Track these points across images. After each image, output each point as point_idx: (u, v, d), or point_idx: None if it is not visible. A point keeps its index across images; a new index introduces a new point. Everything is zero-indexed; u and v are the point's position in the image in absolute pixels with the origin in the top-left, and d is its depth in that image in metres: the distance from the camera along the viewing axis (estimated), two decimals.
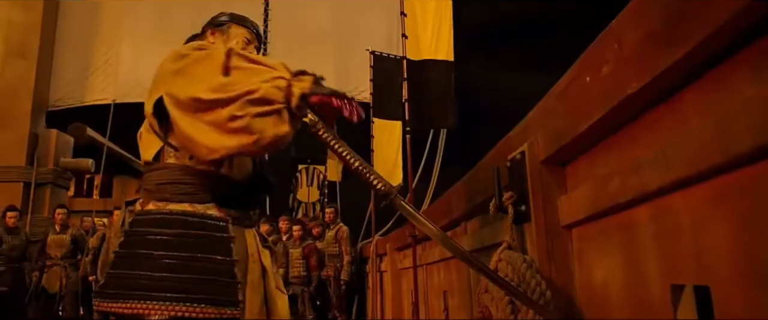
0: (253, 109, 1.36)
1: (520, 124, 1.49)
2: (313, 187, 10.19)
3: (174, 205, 1.55)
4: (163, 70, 1.57)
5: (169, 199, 1.56)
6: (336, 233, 6.80)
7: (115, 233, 1.65)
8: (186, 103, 1.41)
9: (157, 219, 1.53)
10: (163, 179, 1.58)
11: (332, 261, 6.71)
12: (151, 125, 1.60)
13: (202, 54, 1.55)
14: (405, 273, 4.39)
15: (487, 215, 1.91)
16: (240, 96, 1.36)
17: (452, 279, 2.69)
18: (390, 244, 4.75)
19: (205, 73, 1.46)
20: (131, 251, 1.51)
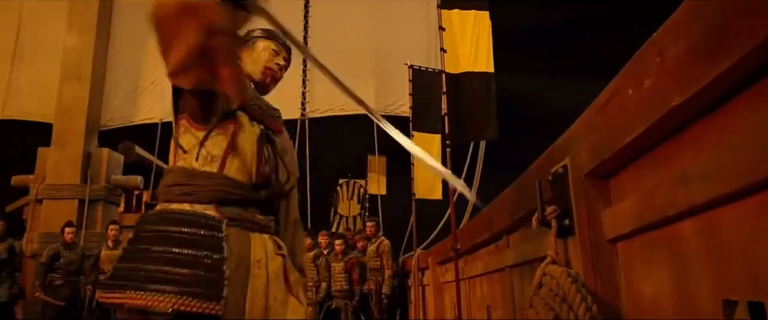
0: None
1: (561, 138, 1.48)
2: (354, 201, 10.24)
3: (176, 205, 1.62)
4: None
5: (172, 200, 1.64)
6: (377, 246, 6.79)
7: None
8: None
9: (158, 217, 1.61)
10: (170, 181, 1.66)
11: (374, 275, 6.69)
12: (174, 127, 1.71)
13: None
14: (447, 287, 4.36)
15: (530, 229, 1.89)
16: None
17: (495, 292, 2.66)
18: (432, 258, 4.74)
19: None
20: (134, 246, 1.59)
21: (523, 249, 2.03)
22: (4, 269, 6.75)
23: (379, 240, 6.81)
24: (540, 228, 1.39)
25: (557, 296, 1.18)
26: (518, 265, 2.15)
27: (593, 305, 1.10)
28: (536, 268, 1.76)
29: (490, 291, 2.81)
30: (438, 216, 7.68)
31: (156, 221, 1.60)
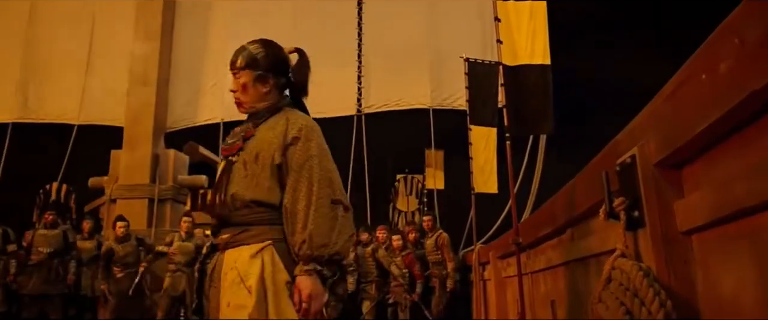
0: None
1: (627, 127, 1.43)
2: (412, 196, 10.24)
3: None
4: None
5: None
6: (436, 239, 6.71)
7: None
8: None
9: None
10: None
11: (437, 269, 6.65)
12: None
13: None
14: (509, 282, 4.30)
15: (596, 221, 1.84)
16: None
17: (560, 288, 2.61)
18: (493, 252, 4.68)
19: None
20: None
21: (589, 243, 1.97)
22: (95, 264, 7.22)
23: (437, 233, 6.75)
24: (607, 220, 1.35)
25: (628, 291, 1.15)
26: (583, 259, 2.10)
27: (667, 301, 1.06)
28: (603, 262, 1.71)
29: (555, 286, 2.75)
30: (497, 210, 7.58)
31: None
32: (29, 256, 7.15)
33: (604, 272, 1.27)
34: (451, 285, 6.45)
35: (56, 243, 7.22)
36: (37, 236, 7.23)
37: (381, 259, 6.84)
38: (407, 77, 9.15)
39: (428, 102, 8.95)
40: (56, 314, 7.16)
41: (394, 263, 6.72)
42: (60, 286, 7.12)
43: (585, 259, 2.06)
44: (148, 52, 8.99)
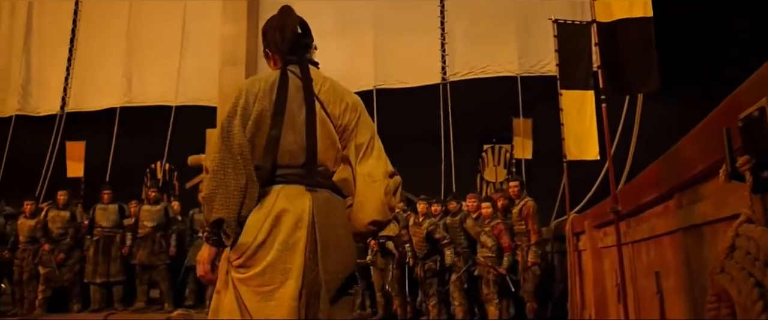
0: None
1: (751, 78, 1.26)
2: (501, 166, 10.00)
3: None
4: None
5: None
6: (521, 208, 6.36)
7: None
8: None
9: None
10: None
11: (521, 240, 6.34)
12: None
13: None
14: (607, 252, 4.09)
15: (711, 184, 1.67)
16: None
17: (667, 257, 2.42)
18: (588, 221, 4.46)
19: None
20: None
21: (702, 208, 1.79)
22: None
23: (523, 201, 6.41)
24: (729, 182, 1.20)
25: (758, 261, 1.01)
26: (695, 227, 1.92)
27: None
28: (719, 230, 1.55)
29: (660, 256, 2.56)
30: (590, 178, 7.21)
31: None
32: (137, 230, 7.75)
33: (726, 239, 1.13)
34: (532, 259, 6.10)
35: (159, 218, 7.77)
36: (142, 211, 7.81)
37: (469, 229, 6.71)
38: (493, 44, 8.86)
39: (516, 69, 8.63)
40: (164, 282, 7.74)
41: (483, 232, 6.54)
42: (163, 257, 7.67)
43: (697, 227, 1.88)
44: (236, 33, 9.30)
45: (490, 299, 6.41)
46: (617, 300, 3.41)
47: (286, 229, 1.88)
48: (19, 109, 10.74)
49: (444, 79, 9.04)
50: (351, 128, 2.08)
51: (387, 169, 2.06)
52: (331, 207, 1.99)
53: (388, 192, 2.01)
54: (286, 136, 1.96)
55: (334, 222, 1.98)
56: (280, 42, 2.11)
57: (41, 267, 7.63)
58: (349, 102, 2.10)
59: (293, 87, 2.02)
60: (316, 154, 1.98)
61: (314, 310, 1.89)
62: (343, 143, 2.07)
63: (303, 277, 1.85)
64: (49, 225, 7.73)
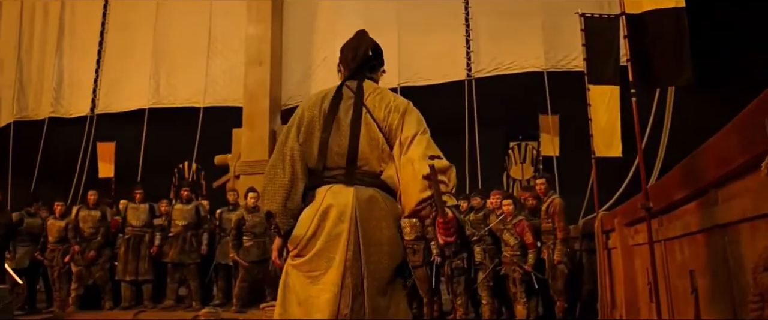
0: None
1: None
2: (527, 164, 9.88)
3: None
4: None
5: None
6: (548, 206, 6.21)
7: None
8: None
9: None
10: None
11: (547, 238, 6.20)
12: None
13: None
14: (638, 251, 3.99)
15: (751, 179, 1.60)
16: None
17: (701, 255, 2.34)
18: (618, 219, 4.36)
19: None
20: None
21: (741, 205, 1.72)
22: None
23: (550, 198, 6.26)
24: None
25: None
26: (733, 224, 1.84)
27: None
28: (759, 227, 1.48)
29: (694, 254, 2.48)
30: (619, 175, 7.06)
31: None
32: (169, 229, 7.86)
33: None
34: (558, 257, 5.97)
35: (190, 216, 7.86)
36: (174, 210, 7.92)
37: (493, 226, 6.63)
38: (519, 39, 8.73)
39: (542, 64, 8.49)
40: (193, 281, 7.83)
41: (506, 230, 6.44)
42: (194, 256, 7.76)
43: (735, 224, 1.81)
44: (260, 33, 9.36)
45: (517, 298, 6.32)
46: (649, 299, 3.32)
47: (331, 222, 2.11)
48: (52, 111, 11.00)
49: (469, 75, 8.94)
50: (395, 127, 2.21)
51: (426, 153, 2.11)
52: (373, 203, 2.17)
53: (431, 172, 2.03)
54: (334, 139, 2.22)
55: (377, 216, 2.15)
56: (351, 60, 2.38)
57: (73, 265, 7.80)
58: (393, 104, 2.26)
59: (346, 98, 2.29)
60: (357, 155, 2.19)
61: (361, 298, 2.06)
62: (391, 142, 2.22)
63: (345, 265, 2.07)
64: (80, 224, 7.89)
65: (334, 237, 2.10)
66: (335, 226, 2.11)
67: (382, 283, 2.13)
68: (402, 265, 2.22)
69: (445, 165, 2.12)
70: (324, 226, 2.12)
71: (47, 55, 11.34)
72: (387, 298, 2.15)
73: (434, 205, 2.04)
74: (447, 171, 2.11)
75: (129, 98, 10.70)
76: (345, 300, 2.05)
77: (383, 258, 2.14)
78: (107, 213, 8.27)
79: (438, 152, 2.16)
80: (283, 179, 2.20)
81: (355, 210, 2.12)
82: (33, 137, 10.90)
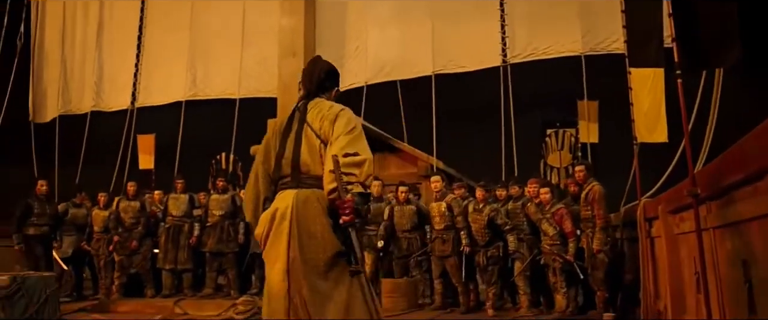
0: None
1: None
2: (565, 151, 9.66)
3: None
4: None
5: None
6: (587, 193, 6.02)
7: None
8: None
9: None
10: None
11: (586, 226, 6.04)
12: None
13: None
14: (683, 239, 3.83)
15: None
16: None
17: (756, 244, 2.21)
18: (662, 206, 4.19)
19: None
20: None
21: None
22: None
23: (589, 185, 6.06)
24: None
25: None
26: None
27: None
28: None
29: (747, 242, 2.35)
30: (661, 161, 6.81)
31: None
32: (206, 219, 8.00)
33: None
34: (597, 245, 5.80)
35: (227, 206, 7.98)
36: (211, 201, 8.06)
37: (531, 215, 6.50)
38: (555, 23, 8.48)
39: (579, 48, 8.22)
40: (231, 270, 7.96)
41: (545, 219, 6.31)
42: (232, 245, 7.88)
43: None
44: (294, 24, 9.37)
45: (557, 288, 6.20)
46: (697, 290, 3.19)
47: (276, 222, 2.57)
48: (93, 106, 11.30)
49: (504, 61, 8.75)
50: (328, 132, 2.59)
51: (340, 151, 2.47)
52: (308, 203, 2.55)
53: (335, 166, 2.41)
54: (284, 153, 2.66)
55: (311, 214, 2.54)
56: (307, 83, 2.79)
57: (116, 254, 8.02)
58: (325, 113, 2.63)
59: (296, 118, 2.71)
60: (299, 163, 2.61)
61: (303, 281, 2.47)
62: (326, 145, 2.61)
63: (287, 256, 2.51)
64: (121, 215, 8.11)
65: (279, 234, 2.55)
66: (279, 225, 2.55)
67: (320, 269, 2.50)
68: (340, 253, 2.50)
69: (358, 159, 2.47)
70: (272, 226, 2.58)
71: (88, 52, 11.64)
72: (331, 281, 2.51)
73: (338, 194, 2.41)
74: (361, 165, 2.47)
75: (167, 91, 10.90)
76: (290, 284, 2.49)
77: (318, 248, 2.51)
78: (147, 204, 8.48)
79: (355, 149, 2.49)
80: (251, 195, 2.78)
81: (294, 210, 2.52)
82: (77, 131, 11.23)
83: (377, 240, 7.22)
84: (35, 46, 11.84)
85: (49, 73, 11.81)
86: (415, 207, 7.23)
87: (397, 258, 7.26)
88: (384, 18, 9.59)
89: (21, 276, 3.65)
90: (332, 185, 2.43)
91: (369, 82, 9.42)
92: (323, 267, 2.50)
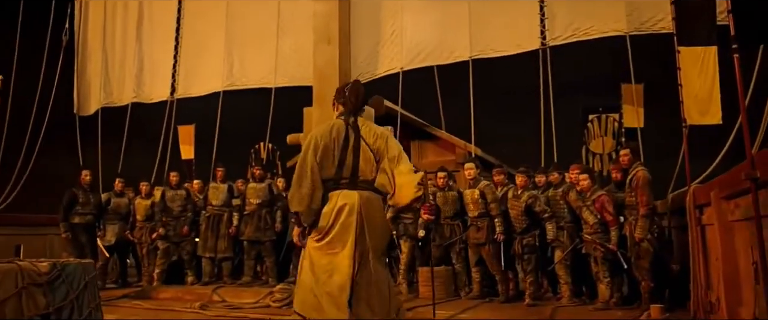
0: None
1: None
2: (608, 137, 9.32)
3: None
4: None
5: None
6: (631, 179, 5.73)
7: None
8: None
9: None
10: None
11: (629, 213, 5.77)
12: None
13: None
14: (739, 227, 3.60)
15: None
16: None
17: None
18: (715, 192, 3.96)
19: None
20: None
21: None
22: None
23: (634, 170, 5.74)
24: None
25: None
26: None
27: None
28: None
29: None
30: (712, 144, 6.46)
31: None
32: (244, 207, 8.06)
33: None
34: (638, 234, 5.51)
35: (264, 195, 8.03)
36: (248, 189, 8.11)
37: (572, 202, 6.28)
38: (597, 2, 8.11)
39: (624, 27, 7.82)
40: (269, 258, 8.01)
41: (585, 207, 6.09)
42: (269, 233, 7.92)
43: None
44: (328, 10, 9.27)
45: (600, 277, 5.99)
46: (755, 280, 2.98)
47: (344, 216, 3.22)
48: (134, 97, 11.51)
49: (543, 44, 8.44)
50: (383, 149, 3.36)
51: (410, 167, 3.34)
52: (371, 202, 3.32)
53: (423, 179, 3.23)
54: (345, 159, 3.30)
55: (373, 211, 3.30)
56: (353, 103, 3.51)
57: (159, 243, 8.17)
58: (378, 133, 3.42)
59: (351, 130, 3.38)
60: (358, 169, 3.31)
61: (366, 265, 3.19)
62: (379, 158, 3.36)
63: (355, 244, 3.18)
64: (168, 204, 8.25)
65: (346, 226, 3.19)
66: (347, 218, 3.21)
67: (379, 254, 3.32)
68: (390, 243, 3.32)
69: (423, 174, 3.28)
70: (338, 218, 3.21)
71: (128, 44, 11.84)
72: (382, 264, 3.37)
73: (423, 199, 3.23)
74: (423, 178, 3.26)
75: (205, 82, 11.00)
76: (357, 266, 3.16)
77: (379, 239, 3.30)
78: (190, 192, 8.61)
79: (413, 166, 3.37)
80: (307, 189, 3.23)
81: (360, 206, 3.23)
82: (118, 122, 11.49)
83: (418, 230, 7.11)
84: (79, 42, 12.12)
85: (92, 67, 12.08)
86: (457, 193, 7.12)
87: (438, 246, 7.16)
88: (420, 4, 9.40)
89: (61, 263, 3.70)
90: (420, 193, 3.21)
91: (405, 67, 9.27)
92: (381, 251, 3.35)
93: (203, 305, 6.29)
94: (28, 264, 3.64)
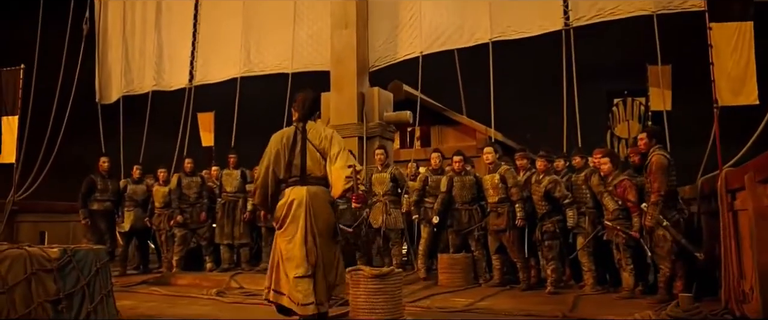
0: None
1: None
2: (634, 121, 9.04)
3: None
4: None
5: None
6: (648, 163, 5.42)
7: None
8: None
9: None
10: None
11: (648, 199, 5.38)
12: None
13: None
14: None
15: None
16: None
17: None
18: (749, 175, 3.74)
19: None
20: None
21: None
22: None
23: (652, 154, 5.38)
24: None
25: None
26: None
27: None
28: None
29: None
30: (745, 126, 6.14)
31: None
32: None
33: None
34: (647, 222, 5.25)
35: None
36: None
37: (594, 187, 6.07)
38: None
39: (651, 6, 7.51)
40: None
41: (606, 193, 5.87)
42: None
43: None
44: None
45: (623, 265, 5.78)
46: None
47: (294, 207, 3.97)
48: (154, 85, 11.55)
49: (566, 24, 8.17)
50: (326, 148, 4.02)
51: (345, 163, 3.94)
52: (317, 195, 4.00)
53: (351, 173, 3.88)
54: (293, 160, 4.05)
55: (319, 202, 4.00)
56: (301, 109, 4.17)
57: (177, 229, 8.17)
58: (323, 135, 4.07)
59: (299, 135, 4.09)
60: (306, 168, 4.02)
61: (316, 249, 3.93)
62: (325, 157, 4.02)
63: (305, 231, 3.92)
64: (184, 191, 8.24)
65: (297, 216, 3.95)
66: (297, 210, 3.95)
67: (326, 239, 3.99)
68: (335, 229, 4.05)
69: (359, 167, 3.95)
70: (290, 210, 3.97)
71: (148, 33, 11.86)
72: (330, 248, 4.04)
73: (353, 190, 3.87)
74: (359, 172, 3.93)
75: (223, 68, 10.98)
76: (309, 251, 3.91)
77: (324, 225, 3.99)
78: (205, 178, 8.59)
79: (352, 162, 3.95)
80: (266, 189, 4.15)
81: (308, 200, 3.95)
82: (139, 110, 11.54)
83: (432, 215, 7.00)
84: (99, 31, 12.18)
85: (113, 56, 12.15)
86: (473, 178, 6.95)
87: (456, 232, 7.01)
88: None
89: (71, 249, 3.66)
90: (350, 184, 3.87)
91: (424, 52, 9.08)
92: (327, 237, 4.01)
93: (220, 291, 6.25)
94: (37, 249, 3.61)
